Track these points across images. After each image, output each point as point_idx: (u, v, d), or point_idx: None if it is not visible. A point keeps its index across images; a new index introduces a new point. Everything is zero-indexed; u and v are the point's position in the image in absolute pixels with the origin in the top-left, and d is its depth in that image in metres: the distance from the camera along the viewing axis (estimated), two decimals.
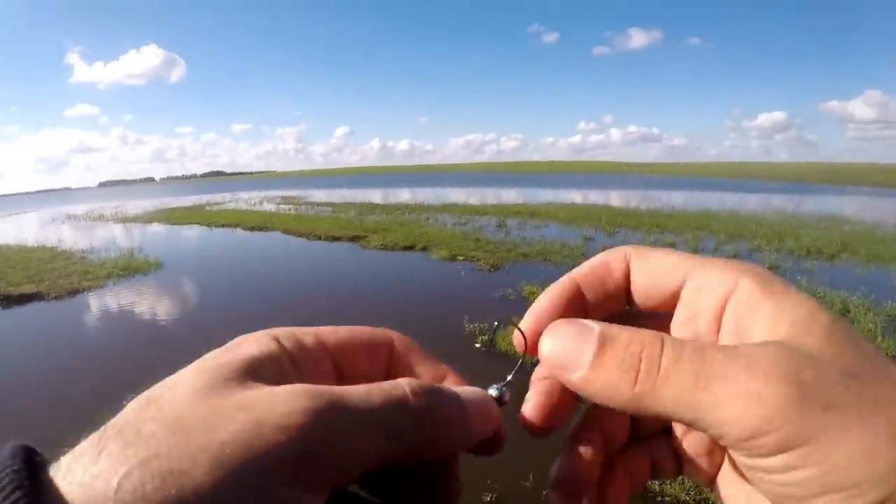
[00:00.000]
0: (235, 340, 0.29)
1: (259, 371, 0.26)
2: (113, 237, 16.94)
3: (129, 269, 10.78)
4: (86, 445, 0.21)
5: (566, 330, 0.30)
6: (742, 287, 0.28)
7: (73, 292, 9.09)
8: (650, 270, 0.32)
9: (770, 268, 9.11)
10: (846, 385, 0.23)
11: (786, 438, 0.23)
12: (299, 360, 0.29)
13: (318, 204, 27.20)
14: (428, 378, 0.33)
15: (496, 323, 0.36)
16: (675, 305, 0.31)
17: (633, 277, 0.33)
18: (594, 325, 0.29)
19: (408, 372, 0.33)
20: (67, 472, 0.20)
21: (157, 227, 19.69)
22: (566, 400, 0.33)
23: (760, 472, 0.25)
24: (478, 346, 6.09)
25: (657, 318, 0.33)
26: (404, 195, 33.42)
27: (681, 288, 0.31)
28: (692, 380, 0.25)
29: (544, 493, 3.37)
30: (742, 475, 0.29)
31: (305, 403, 0.23)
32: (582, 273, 0.34)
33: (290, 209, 24.32)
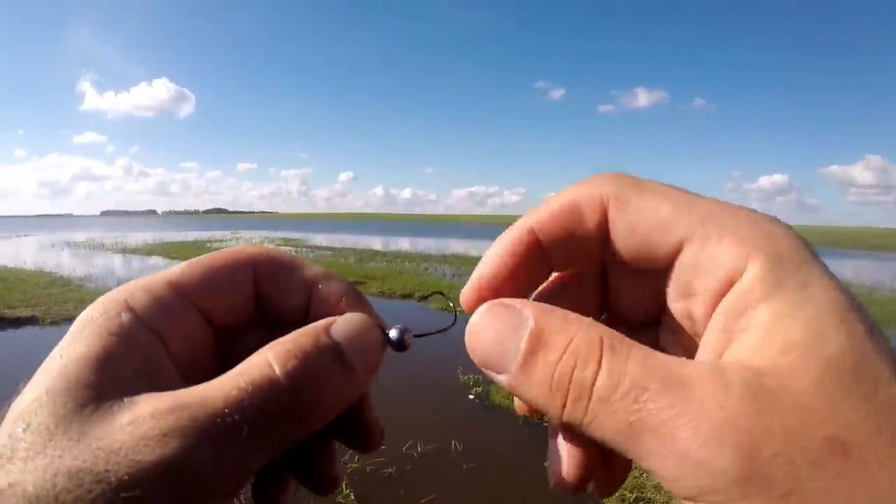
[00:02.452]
0: (86, 315, 0.26)
1: (118, 373, 0.23)
2: (111, 267, 16.91)
3: None
4: None
5: (497, 318, 0.26)
6: (748, 274, 0.22)
7: (69, 319, 8.75)
8: (636, 225, 0.26)
9: None
10: (824, 465, 0.18)
11: None
12: (160, 324, 0.26)
13: (319, 247, 27.28)
14: (301, 290, 0.30)
15: (431, 293, 0.34)
16: (667, 266, 0.26)
17: (612, 230, 0.27)
18: (528, 316, 0.24)
19: (277, 290, 0.30)
20: None
21: (156, 261, 19.63)
22: (594, 455, 0.29)
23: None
24: (471, 397, 6.05)
25: (644, 276, 0.28)
26: (405, 243, 33.51)
27: (677, 252, 0.25)
28: (623, 425, 0.21)
29: None
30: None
31: (175, 444, 0.21)
32: (540, 220, 0.28)
33: (290, 251, 23.91)
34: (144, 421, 0.21)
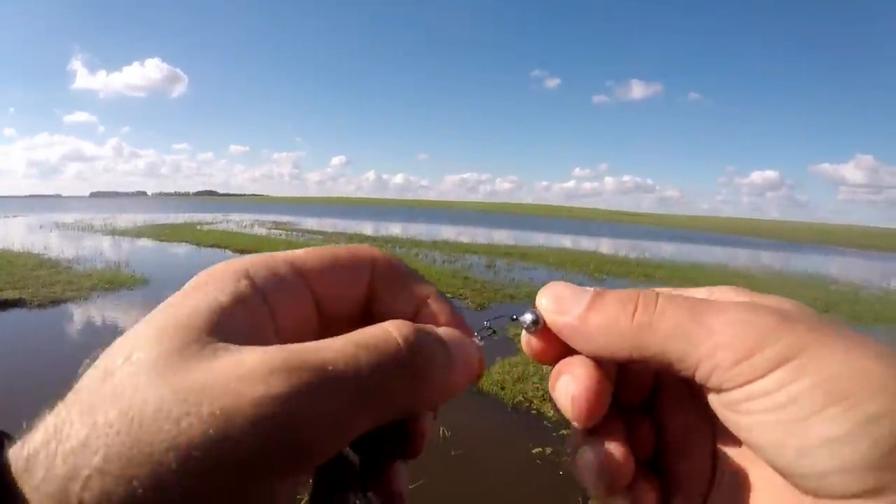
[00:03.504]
0: (201, 277, 0.26)
1: (227, 326, 0.23)
2: (100, 249, 16.78)
3: (115, 282, 10.68)
4: (41, 437, 0.20)
5: (564, 284, 0.31)
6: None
7: (57, 302, 8.97)
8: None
9: None
10: (827, 320, 0.25)
11: (778, 353, 0.23)
12: (274, 295, 0.26)
13: (310, 231, 27.12)
14: (412, 300, 0.31)
15: (511, 317, 0.35)
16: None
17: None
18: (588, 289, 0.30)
19: (390, 295, 0.31)
20: (26, 471, 0.19)
21: (145, 242, 19.53)
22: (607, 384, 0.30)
23: (756, 399, 0.24)
24: None
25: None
26: (396, 229, 33.45)
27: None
28: (687, 313, 0.26)
29: None
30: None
31: (279, 384, 0.20)
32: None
33: (280, 234, 24.20)
34: (250, 362, 0.21)
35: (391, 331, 0.24)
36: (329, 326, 0.29)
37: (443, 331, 0.28)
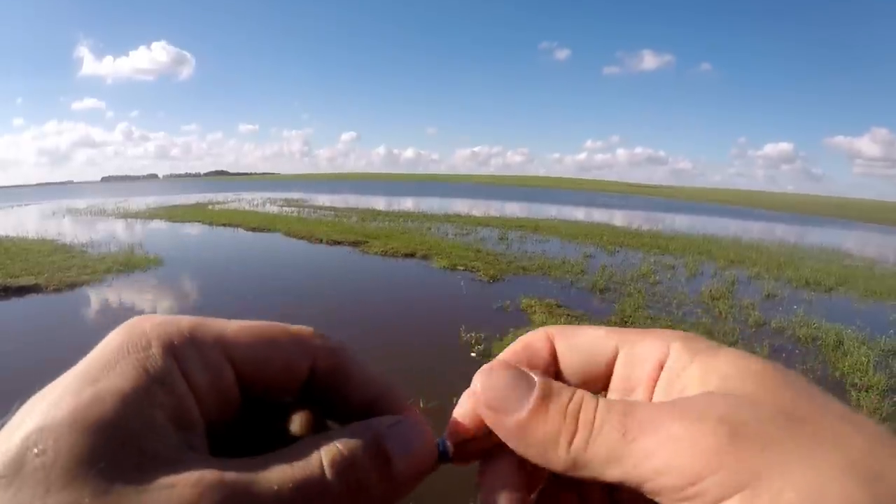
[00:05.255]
0: (123, 343, 0.24)
1: (149, 419, 0.22)
2: (113, 232, 16.90)
3: (129, 264, 10.76)
4: None
5: (506, 371, 0.28)
6: (672, 352, 0.28)
7: (72, 286, 9.04)
8: (578, 347, 0.31)
9: (767, 296, 9.25)
10: (783, 423, 0.22)
11: (728, 480, 0.21)
12: (198, 376, 0.25)
13: (321, 208, 27.20)
14: (359, 400, 0.30)
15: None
16: (607, 381, 0.31)
17: (560, 356, 0.31)
18: (534, 374, 0.27)
19: (332, 392, 0.29)
20: None
21: (158, 224, 19.63)
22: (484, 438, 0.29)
23: None
24: (473, 355, 6.03)
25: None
26: (407, 203, 33.47)
27: (613, 361, 0.30)
28: (619, 434, 0.24)
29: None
30: None
31: None
32: (508, 355, 0.32)
33: (292, 211, 24.28)
34: (184, 488, 0.20)
35: (323, 464, 0.24)
36: (256, 398, 0.28)
37: (395, 432, 0.27)
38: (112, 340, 0.24)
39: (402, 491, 0.26)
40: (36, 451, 0.19)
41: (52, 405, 0.21)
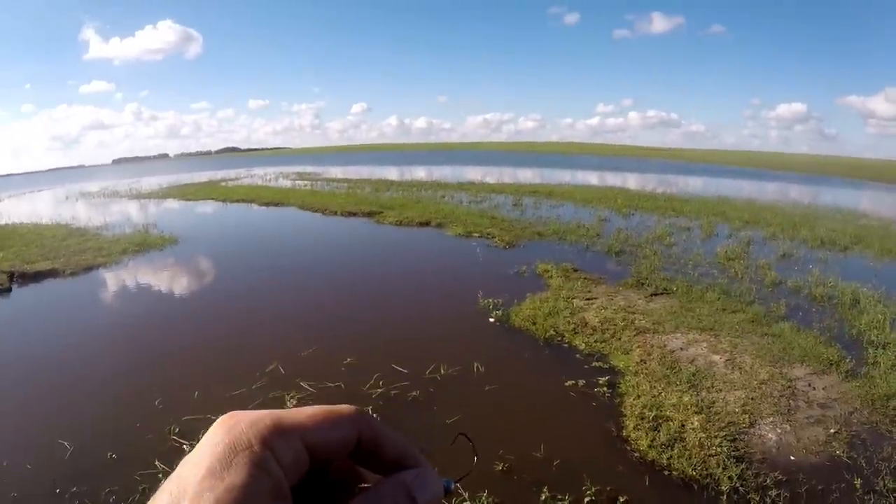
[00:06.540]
0: (230, 445, 0.32)
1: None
2: (128, 214, 17.10)
3: (145, 244, 10.92)
4: None
5: None
6: None
7: (89, 268, 9.23)
8: None
9: (783, 256, 9.25)
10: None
11: None
12: (284, 458, 0.33)
13: (335, 180, 27.24)
14: (389, 457, 0.39)
15: (456, 437, 0.45)
16: None
17: None
18: None
19: (371, 452, 0.39)
20: None
21: (171, 203, 19.77)
22: None
23: None
24: (491, 320, 6.13)
25: None
26: (421, 172, 33.41)
27: None
28: None
29: (554, 463, 3.43)
30: None
31: None
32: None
33: (305, 185, 24.38)
34: None
35: None
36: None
37: (418, 483, 0.37)
38: (220, 441, 0.32)
39: None
40: None
41: (196, 496, 0.29)
